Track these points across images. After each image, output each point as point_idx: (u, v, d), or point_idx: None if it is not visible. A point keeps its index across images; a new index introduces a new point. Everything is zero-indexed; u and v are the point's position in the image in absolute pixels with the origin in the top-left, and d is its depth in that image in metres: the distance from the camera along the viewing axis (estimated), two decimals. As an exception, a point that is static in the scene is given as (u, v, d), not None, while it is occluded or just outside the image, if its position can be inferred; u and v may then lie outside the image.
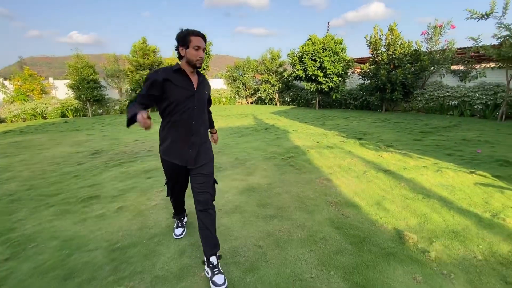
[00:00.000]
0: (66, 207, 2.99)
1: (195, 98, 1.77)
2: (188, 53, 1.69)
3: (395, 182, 3.38)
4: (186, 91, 1.75)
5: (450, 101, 9.76)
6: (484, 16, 7.52)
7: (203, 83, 1.86)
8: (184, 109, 1.75)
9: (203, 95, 1.85)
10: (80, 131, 8.51)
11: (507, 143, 5.13)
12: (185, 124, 1.78)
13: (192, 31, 1.69)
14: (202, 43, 1.71)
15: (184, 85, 1.75)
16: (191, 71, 1.77)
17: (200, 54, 1.70)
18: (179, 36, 1.70)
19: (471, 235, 2.20)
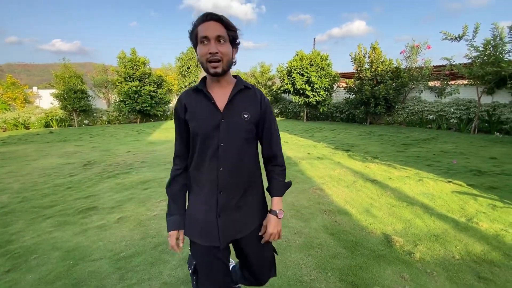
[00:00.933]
0: (64, 219, 3.00)
1: (220, 128, 1.07)
2: (198, 54, 1.05)
3: (382, 191, 3.64)
4: (205, 119, 1.08)
5: (429, 115, 10.43)
6: (457, 38, 8.28)
7: (242, 99, 1.12)
8: (204, 148, 1.10)
9: (239, 120, 1.09)
10: (68, 142, 8.36)
11: (479, 155, 5.60)
12: (207, 173, 1.10)
13: (200, 16, 1.03)
14: (213, 29, 1.00)
15: (202, 108, 1.09)
16: (217, 81, 1.10)
17: (210, 49, 0.99)
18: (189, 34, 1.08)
19: (449, 237, 2.45)
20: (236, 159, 1.11)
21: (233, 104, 1.10)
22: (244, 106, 1.12)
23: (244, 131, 1.11)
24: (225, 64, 1.04)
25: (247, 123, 1.11)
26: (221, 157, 1.09)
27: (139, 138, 8.97)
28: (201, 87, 1.11)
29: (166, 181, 1.19)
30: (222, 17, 1.02)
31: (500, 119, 8.56)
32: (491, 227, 2.62)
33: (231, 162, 1.10)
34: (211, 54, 1.00)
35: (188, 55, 15.19)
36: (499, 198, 3.33)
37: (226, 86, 1.12)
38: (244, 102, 1.12)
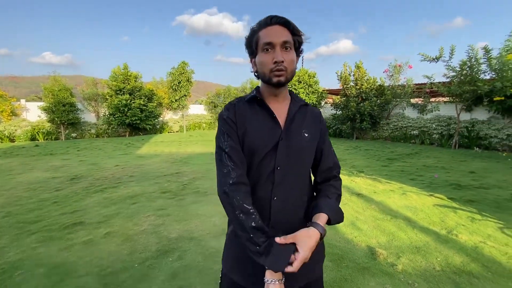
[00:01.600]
0: (49, 234, 2.94)
1: (278, 147, 0.92)
2: (258, 63, 0.92)
3: (367, 204, 3.75)
4: (262, 135, 0.93)
5: (412, 131, 10.85)
6: (435, 59, 8.82)
7: (301, 116, 0.99)
8: (258, 170, 0.92)
9: (300, 139, 0.95)
10: (54, 156, 8.18)
11: (459, 169, 5.86)
12: (259, 201, 0.92)
13: (263, 20, 0.91)
14: (280, 34, 0.88)
15: (260, 122, 0.94)
16: (275, 94, 0.96)
17: (275, 57, 0.87)
18: (246, 40, 0.96)
19: (430, 249, 2.56)
20: (294, 186, 0.94)
21: (293, 121, 0.96)
22: (304, 124, 0.97)
23: (304, 152, 0.95)
24: (289, 73, 0.90)
25: (307, 142, 0.96)
26: (276, 183, 0.91)
27: (128, 152, 8.89)
28: (260, 97, 0.95)
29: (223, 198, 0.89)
30: (288, 20, 0.89)
31: (478, 135, 9.01)
32: (470, 239, 2.75)
33: (288, 189, 0.93)
34: (276, 63, 0.86)
35: (179, 70, 15.39)
36: (478, 211, 3.50)
37: (282, 101, 0.98)
38: (304, 119, 0.98)
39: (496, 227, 3.00)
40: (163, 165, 6.58)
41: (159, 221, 3.24)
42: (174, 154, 8.43)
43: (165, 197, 4.12)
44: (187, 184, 4.82)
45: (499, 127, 8.60)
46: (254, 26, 0.92)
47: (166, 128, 16.29)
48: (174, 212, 3.51)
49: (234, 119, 0.93)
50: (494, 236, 2.79)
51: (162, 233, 2.94)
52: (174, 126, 16.76)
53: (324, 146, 1.02)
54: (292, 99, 1.00)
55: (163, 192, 4.36)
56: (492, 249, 2.53)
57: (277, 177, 0.91)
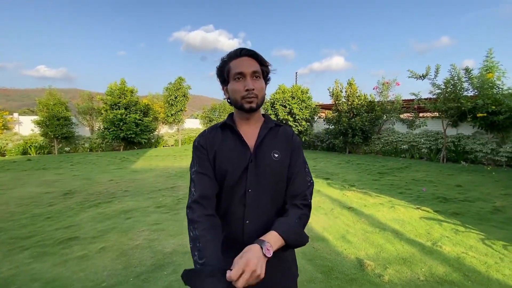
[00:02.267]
0: (43, 249, 2.96)
1: (248, 170, 0.96)
2: (230, 91, 1.00)
3: (357, 217, 3.88)
4: (233, 158, 0.97)
5: (402, 145, 11.16)
6: (421, 77, 9.27)
7: (272, 137, 1.03)
8: (230, 193, 0.97)
9: (270, 161, 0.98)
10: (47, 170, 8.13)
11: (446, 183, 6.06)
12: (232, 226, 0.97)
13: (230, 53, 1.00)
14: (249, 64, 0.97)
15: (230, 147, 0.99)
16: (246, 118, 1.02)
17: (246, 85, 0.95)
18: (217, 70, 1.05)
19: (416, 260, 2.67)
20: (265, 208, 0.96)
21: (263, 143, 1.00)
22: (274, 145, 1.01)
23: (274, 173, 0.97)
24: (260, 99, 0.98)
25: (277, 163, 0.98)
26: (248, 206, 0.94)
27: (122, 166, 8.89)
28: (230, 123, 1.02)
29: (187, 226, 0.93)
30: (255, 52, 1.00)
31: (465, 149, 9.33)
32: (453, 250, 2.88)
33: (260, 211, 0.95)
34: (247, 91, 0.94)
35: (176, 85, 15.67)
36: (462, 223, 3.65)
37: (254, 124, 1.04)
38: (274, 140, 1.02)
39: (478, 239, 3.14)
40: (158, 180, 6.63)
41: (154, 236, 3.28)
42: (169, 168, 8.47)
43: (160, 212, 4.17)
44: (182, 199, 4.88)
45: (484, 141, 8.95)
46: (225, 57, 1.01)
47: (161, 142, 16.33)
48: (169, 227, 3.56)
49: (205, 145, 1.00)
50: (475, 247, 2.93)
51: (156, 247, 2.99)
52: (169, 140, 16.82)
53: (294, 169, 1.01)
54: (264, 121, 1.06)
55: (158, 207, 4.41)
56: (473, 259, 2.66)
57: (249, 200, 0.95)
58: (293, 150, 1.03)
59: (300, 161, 1.04)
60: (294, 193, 0.99)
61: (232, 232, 0.96)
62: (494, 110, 8.09)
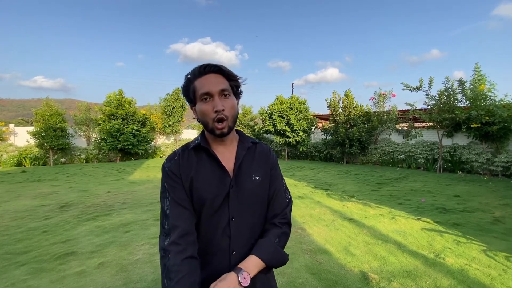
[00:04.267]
0: (40, 265, 2.88)
1: (230, 196, 0.89)
2: (198, 112, 0.89)
3: (359, 229, 3.86)
4: (212, 186, 0.88)
5: (399, 155, 11.26)
6: (415, 89, 9.46)
7: (249, 157, 0.96)
8: (211, 223, 0.89)
9: (251, 185, 0.92)
10: (42, 182, 8.00)
11: (445, 193, 6.10)
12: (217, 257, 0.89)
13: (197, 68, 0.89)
14: (216, 82, 0.86)
15: (207, 172, 0.90)
16: (220, 141, 0.92)
17: (215, 106, 0.84)
18: (182, 89, 0.94)
19: (420, 273, 2.66)
20: (251, 236, 0.90)
21: (242, 166, 0.92)
22: (253, 167, 0.93)
23: (256, 196, 0.91)
24: (231, 121, 0.87)
25: (258, 185, 0.92)
26: (233, 237, 0.87)
27: (120, 178, 8.79)
28: (205, 145, 0.90)
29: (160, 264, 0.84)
30: (222, 67, 0.87)
31: (461, 159, 9.44)
32: (456, 262, 2.87)
33: (245, 240, 0.89)
34: (217, 112, 0.84)
35: (173, 96, 15.76)
36: (463, 234, 3.65)
37: (230, 144, 0.94)
38: (252, 161, 0.94)
39: (480, 250, 3.14)
40: (156, 191, 6.55)
41: (154, 250, 3.22)
42: (167, 179, 8.38)
43: (159, 225, 4.09)
44: (180, 211, 4.82)
45: (479, 151, 9.08)
46: (189, 75, 0.89)
47: (159, 152, 16.25)
48: (169, 240, 3.50)
49: (178, 172, 0.88)
50: (478, 259, 2.92)
51: (157, 262, 2.93)
52: (166, 151, 16.75)
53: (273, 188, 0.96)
54: (240, 140, 0.97)
55: (157, 220, 4.34)
56: (477, 271, 2.65)
57: (233, 229, 0.87)
58: (271, 168, 0.97)
59: (279, 179, 0.99)
60: (274, 212, 0.95)
61: (217, 264, 0.87)
62: (487, 121, 8.25)
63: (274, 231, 0.91)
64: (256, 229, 0.93)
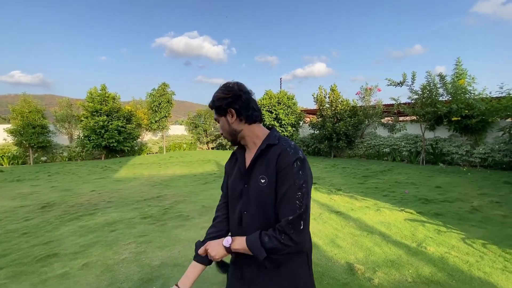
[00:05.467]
0: (20, 269, 2.77)
1: (243, 194, 1.04)
2: None
3: (345, 222, 3.94)
4: (234, 184, 1.09)
5: (384, 149, 11.54)
6: (399, 84, 9.66)
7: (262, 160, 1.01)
8: (233, 213, 1.10)
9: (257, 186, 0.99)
10: (21, 182, 7.68)
11: (427, 184, 6.32)
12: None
13: None
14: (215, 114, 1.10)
15: (233, 171, 1.12)
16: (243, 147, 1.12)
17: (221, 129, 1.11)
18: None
19: (403, 262, 2.75)
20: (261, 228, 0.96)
21: (253, 168, 1.02)
22: (262, 170, 0.99)
23: (262, 198, 0.97)
24: (227, 134, 1.08)
25: (264, 188, 0.96)
26: (245, 226, 1.02)
27: (104, 176, 8.56)
28: (235, 150, 1.15)
29: None
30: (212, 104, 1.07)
31: (442, 151, 9.79)
32: (437, 250, 2.98)
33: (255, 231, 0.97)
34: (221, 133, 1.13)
35: (160, 91, 15.40)
36: (443, 223, 3.80)
37: (252, 148, 1.06)
38: (263, 164, 0.99)
39: (459, 238, 3.29)
40: (143, 189, 6.43)
41: (140, 249, 3.17)
42: (154, 176, 8.26)
43: (146, 223, 4.04)
44: (168, 208, 4.76)
45: (459, 144, 9.44)
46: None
47: (145, 149, 15.92)
48: (156, 239, 3.45)
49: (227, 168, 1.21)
50: (457, 247, 3.06)
51: (144, 261, 2.89)
52: (153, 147, 16.43)
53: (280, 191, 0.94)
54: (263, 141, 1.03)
55: (144, 218, 4.27)
56: (456, 259, 2.77)
57: (245, 220, 1.03)
58: (280, 171, 0.95)
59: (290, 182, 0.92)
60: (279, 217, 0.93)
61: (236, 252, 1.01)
62: (467, 114, 8.57)
63: (270, 231, 0.93)
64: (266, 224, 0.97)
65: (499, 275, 2.48)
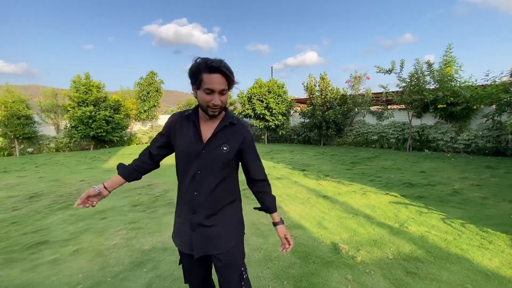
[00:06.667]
0: (9, 256, 2.78)
1: (200, 157, 1.21)
2: (199, 96, 1.16)
3: (332, 205, 4.07)
4: (188, 146, 1.23)
5: (372, 136, 11.77)
6: (388, 71, 9.76)
7: (224, 133, 1.24)
8: (184, 172, 1.26)
9: (219, 152, 1.22)
10: (8, 173, 7.52)
11: (412, 169, 6.53)
12: (186, 195, 1.27)
13: (206, 64, 1.10)
14: (219, 83, 1.12)
15: (188, 136, 1.24)
16: (207, 118, 1.25)
17: (214, 100, 1.14)
18: (189, 70, 1.17)
19: (385, 241, 2.89)
20: (211, 185, 1.23)
21: (215, 137, 1.23)
22: (225, 140, 1.24)
23: (221, 161, 1.23)
24: (222, 108, 1.20)
25: (225, 154, 1.23)
26: (197, 182, 1.22)
27: (94, 166, 8.46)
28: (194, 117, 1.26)
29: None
30: (227, 73, 1.12)
31: (428, 138, 10.07)
32: (417, 230, 3.14)
33: (206, 188, 1.23)
34: (214, 105, 1.15)
35: (148, 80, 15.07)
36: (425, 205, 3.98)
37: (214, 121, 1.26)
38: (226, 136, 1.24)
39: (439, 218, 3.46)
40: (133, 178, 6.41)
41: (131, 234, 3.21)
42: (144, 166, 8.20)
43: (136, 210, 4.07)
44: (159, 196, 4.78)
45: (444, 131, 9.72)
46: (200, 63, 1.12)
47: (135, 139, 15.71)
48: (147, 225, 3.49)
49: (169, 128, 1.31)
50: (437, 226, 3.22)
51: (134, 245, 2.93)
52: (143, 138, 16.23)
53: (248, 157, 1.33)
54: (223, 118, 1.27)
55: (134, 205, 4.29)
56: (435, 237, 2.93)
57: (198, 178, 1.23)
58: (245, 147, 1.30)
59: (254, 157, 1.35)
60: (257, 177, 1.37)
61: (186, 199, 1.27)
62: (452, 102, 8.79)
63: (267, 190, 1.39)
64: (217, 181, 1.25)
65: (475, 252, 2.64)
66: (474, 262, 2.47)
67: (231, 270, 1.28)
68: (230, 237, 1.29)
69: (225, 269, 1.27)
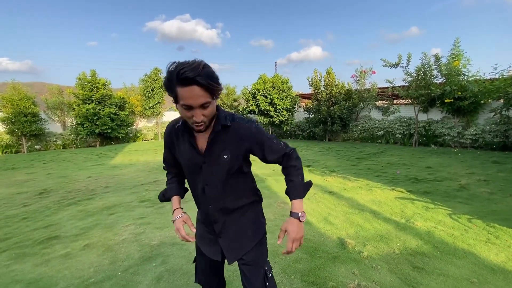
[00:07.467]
0: (22, 251, 2.85)
1: (202, 170, 1.12)
2: (179, 111, 1.00)
3: (338, 201, 4.08)
4: (188, 161, 1.15)
5: (378, 131, 11.68)
6: (394, 65, 9.64)
7: (220, 139, 1.09)
8: (193, 185, 1.21)
9: (220, 161, 1.10)
10: (17, 170, 7.66)
11: (418, 165, 6.48)
12: (201, 205, 1.24)
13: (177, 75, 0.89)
14: (197, 96, 0.91)
15: (185, 150, 1.14)
16: None
17: (195, 117, 0.96)
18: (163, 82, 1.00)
19: (391, 236, 2.89)
20: (223, 196, 1.16)
21: (212, 147, 1.09)
22: (223, 147, 1.10)
23: (225, 171, 1.12)
24: (208, 122, 1.03)
25: (227, 163, 1.11)
26: (208, 196, 1.16)
27: (100, 163, 8.57)
28: (186, 129, 1.12)
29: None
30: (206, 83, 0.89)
31: (434, 133, 9.95)
32: (424, 225, 3.13)
33: (219, 200, 1.16)
34: (195, 122, 0.98)
35: (152, 77, 15.11)
36: (431, 201, 3.96)
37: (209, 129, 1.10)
38: (223, 142, 1.10)
39: (446, 214, 3.44)
40: (140, 174, 6.49)
41: (139, 230, 3.26)
42: (151, 162, 8.29)
43: (144, 206, 4.12)
44: (165, 192, 4.83)
45: (451, 125, 9.60)
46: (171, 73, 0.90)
47: (140, 136, 15.84)
48: (155, 220, 3.55)
49: (168, 142, 1.25)
50: (443, 221, 3.21)
51: (143, 241, 2.98)
52: (148, 134, 16.34)
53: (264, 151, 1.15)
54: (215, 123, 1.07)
55: (142, 201, 4.35)
56: (441, 232, 2.92)
57: (207, 191, 1.16)
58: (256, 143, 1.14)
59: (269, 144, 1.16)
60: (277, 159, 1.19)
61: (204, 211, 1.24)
62: (460, 96, 8.65)
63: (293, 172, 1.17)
64: (229, 191, 1.18)
65: (482, 247, 2.63)
66: (481, 257, 2.46)
67: (254, 270, 1.24)
68: (251, 238, 1.25)
69: (247, 269, 1.23)
